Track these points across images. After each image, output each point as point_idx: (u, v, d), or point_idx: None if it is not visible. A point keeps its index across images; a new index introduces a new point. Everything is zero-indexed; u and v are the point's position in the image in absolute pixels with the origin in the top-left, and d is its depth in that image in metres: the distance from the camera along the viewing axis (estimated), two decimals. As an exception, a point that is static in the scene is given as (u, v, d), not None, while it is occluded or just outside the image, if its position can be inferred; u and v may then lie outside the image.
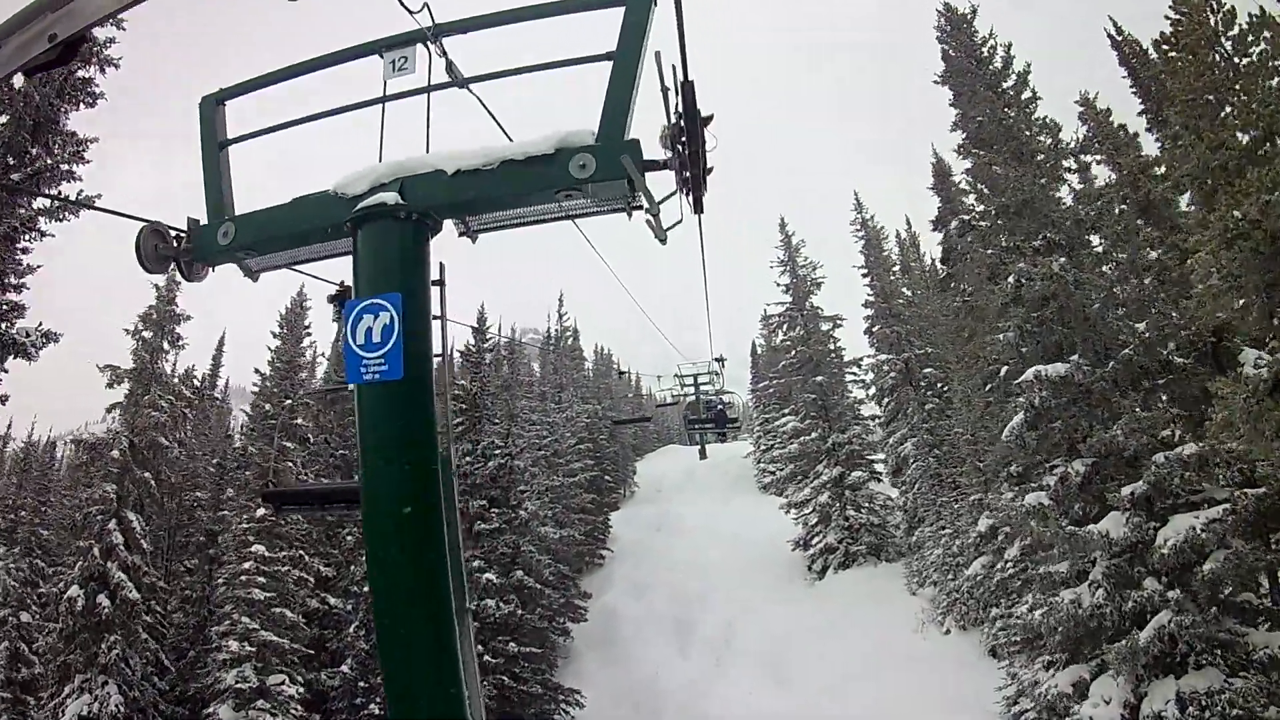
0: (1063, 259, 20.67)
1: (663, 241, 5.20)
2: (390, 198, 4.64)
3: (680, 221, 5.13)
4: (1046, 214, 22.07)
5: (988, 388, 27.19)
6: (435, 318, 4.94)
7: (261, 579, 29.58)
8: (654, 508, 69.80)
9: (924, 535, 39.12)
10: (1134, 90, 27.43)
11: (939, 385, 41.96)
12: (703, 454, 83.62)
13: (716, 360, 41.37)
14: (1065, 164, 23.47)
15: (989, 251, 23.95)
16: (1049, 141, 23.22)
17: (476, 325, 40.59)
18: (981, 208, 24.80)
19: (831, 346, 49.04)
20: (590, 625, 43.50)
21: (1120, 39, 28.48)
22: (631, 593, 48.53)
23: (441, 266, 5.09)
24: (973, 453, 33.13)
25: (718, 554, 51.57)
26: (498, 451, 36.38)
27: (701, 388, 45.64)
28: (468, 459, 36.05)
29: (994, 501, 29.18)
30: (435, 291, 4.96)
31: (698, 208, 5.12)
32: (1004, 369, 24.56)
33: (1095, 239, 22.46)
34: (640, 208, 4.77)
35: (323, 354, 39.19)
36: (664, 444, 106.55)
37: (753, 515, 58.51)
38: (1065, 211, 22.39)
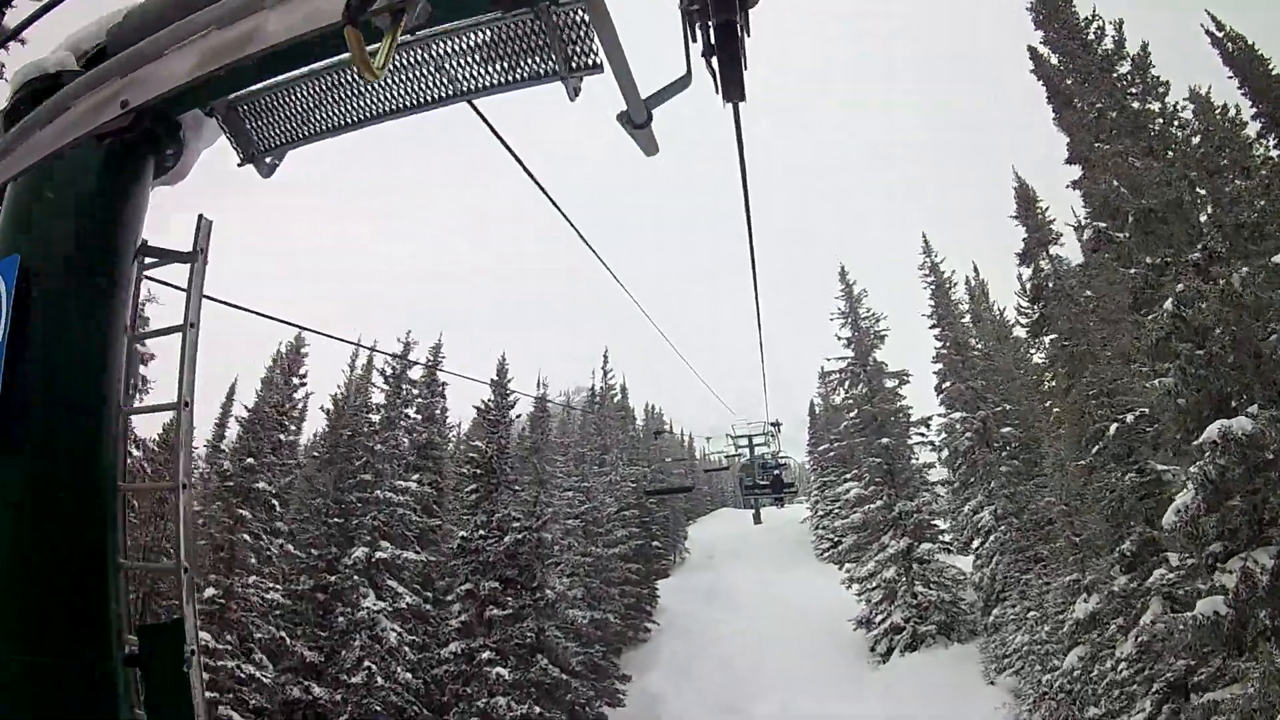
0: (1244, 270, 15.20)
1: (649, 151, 3.14)
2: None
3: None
4: (1195, 220, 16.99)
5: (1093, 449, 22.56)
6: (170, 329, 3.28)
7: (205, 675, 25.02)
8: (706, 576, 65.57)
9: (1004, 615, 34.12)
10: (1244, 91, 22.54)
11: (1017, 447, 37.33)
12: (757, 518, 79.49)
13: (773, 424, 41.12)
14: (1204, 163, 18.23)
15: (1131, 271, 18.38)
16: (1183, 134, 18.50)
17: (496, 378, 36.47)
18: (1101, 224, 19.82)
19: (897, 405, 44.23)
20: (630, 710, 39.45)
21: (1222, 35, 23.54)
22: (677, 674, 44.19)
23: (201, 227, 3.28)
24: (1068, 525, 28.23)
25: (772, 629, 47.10)
26: (516, 524, 32.22)
27: (757, 450, 44.96)
28: (480, 533, 32.35)
29: (1095, 583, 24.79)
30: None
31: (730, 93, 2.79)
32: (1113, 426, 20.07)
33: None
34: (595, 69, 2.85)
35: (322, 406, 35.34)
36: (717, 506, 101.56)
37: (810, 587, 53.95)
38: (1220, 215, 17.05)
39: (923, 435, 43.63)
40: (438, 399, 38.24)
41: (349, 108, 3.48)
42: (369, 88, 3.32)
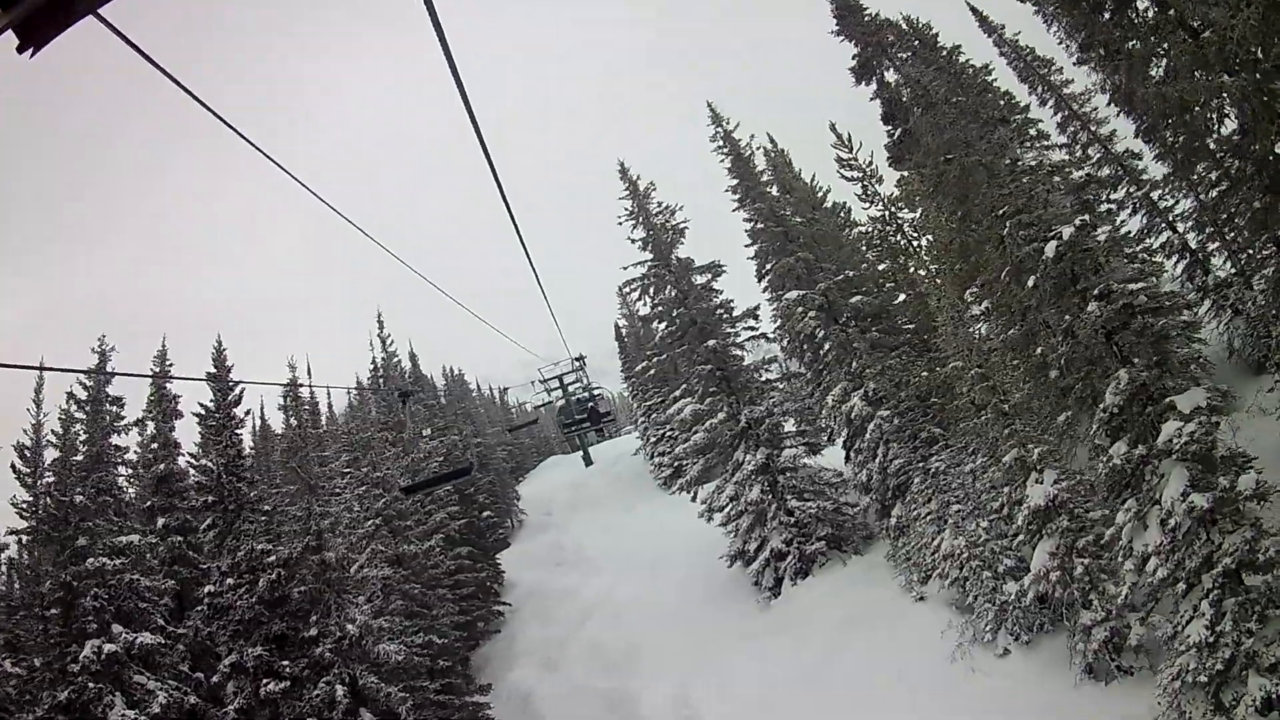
0: None
1: None
2: None
3: None
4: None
5: (1028, 281, 16.36)
6: None
7: None
8: (548, 536, 58.67)
9: (909, 515, 27.94)
10: None
11: (870, 317, 31.42)
12: (588, 459, 73.23)
13: (576, 359, 39.46)
14: None
15: None
16: None
17: (213, 372, 27.76)
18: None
19: (716, 301, 37.25)
20: (500, 720, 32.69)
21: None
22: (543, 661, 37.80)
23: None
24: (986, 392, 22.09)
25: (637, 587, 40.93)
26: (271, 558, 24.06)
27: (569, 388, 45.69)
28: (228, 581, 24.40)
29: (1046, 458, 19.88)
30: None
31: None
32: (1050, 245, 13.87)
33: None
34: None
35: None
36: (544, 457, 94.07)
37: (664, 523, 47.83)
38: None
39: (752, 329, 36.92)
40: (171, 419, 29.00)
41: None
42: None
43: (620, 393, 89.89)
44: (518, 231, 8.15)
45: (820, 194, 37.40)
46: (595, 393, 53.95)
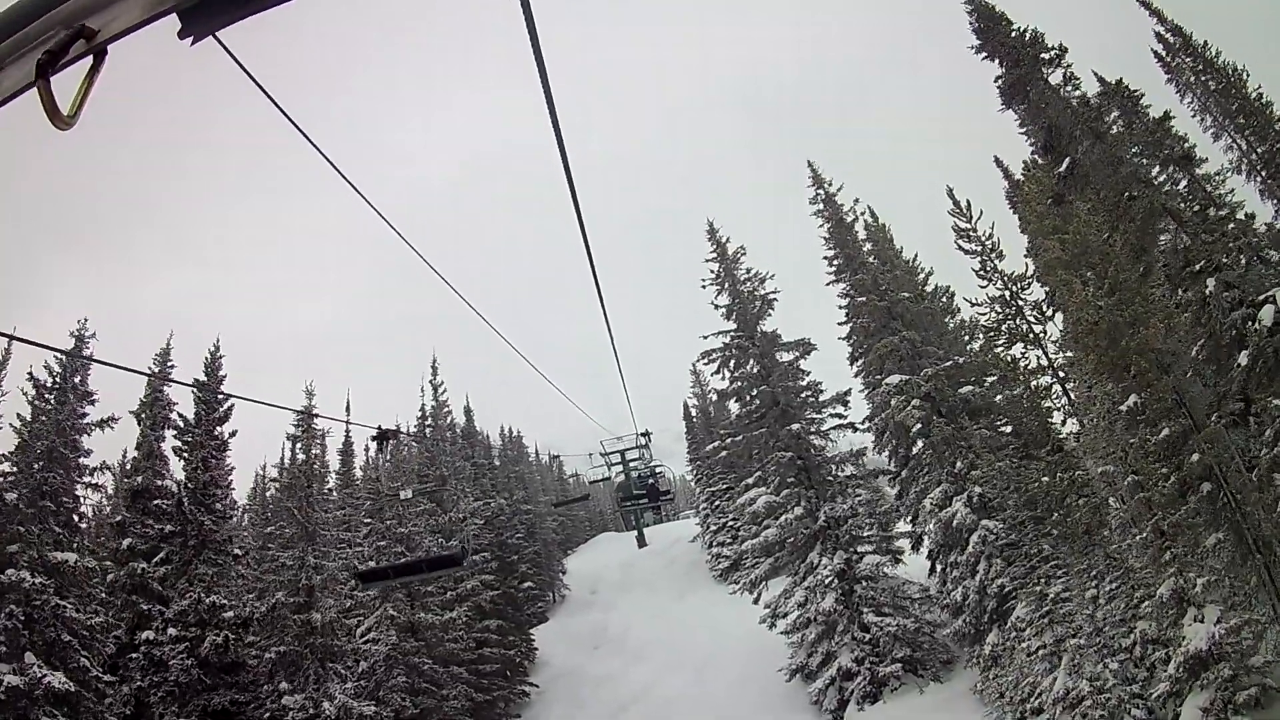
0: None
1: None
2: None
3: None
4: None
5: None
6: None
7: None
8: (590, 616, 54.08)
9: (1009, 642, 23.31)
10: None
11: (983, 408, 27.23)
12: (641, 541, 68.46)
13: (642, 434, 38.59)
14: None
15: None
16: None
17: (202, 380, 24.10)
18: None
19: (803, 382, 33.15)
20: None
21: None
22: (568, 764, 33.14)
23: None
24: (1142, 506, 17.65)
25: (682, 683, 36.92)
26: (226, 614, 20.07)
27: (630, 464, 43.84)
28: (152, 634, 20.25)
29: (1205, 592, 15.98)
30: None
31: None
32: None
33: None
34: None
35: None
36: (596, 532, 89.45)
37: (717, 619, 43.51)
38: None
39: (840, 416, 32.60)
40: (161, 428, 24.99)
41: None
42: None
43: (683, 475, 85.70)
44: (600, 298, 7.65)
45: (922, 275, 33.04)
46: (657, 470, 50.69)
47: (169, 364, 25.05)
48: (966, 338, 31.42)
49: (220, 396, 23.38)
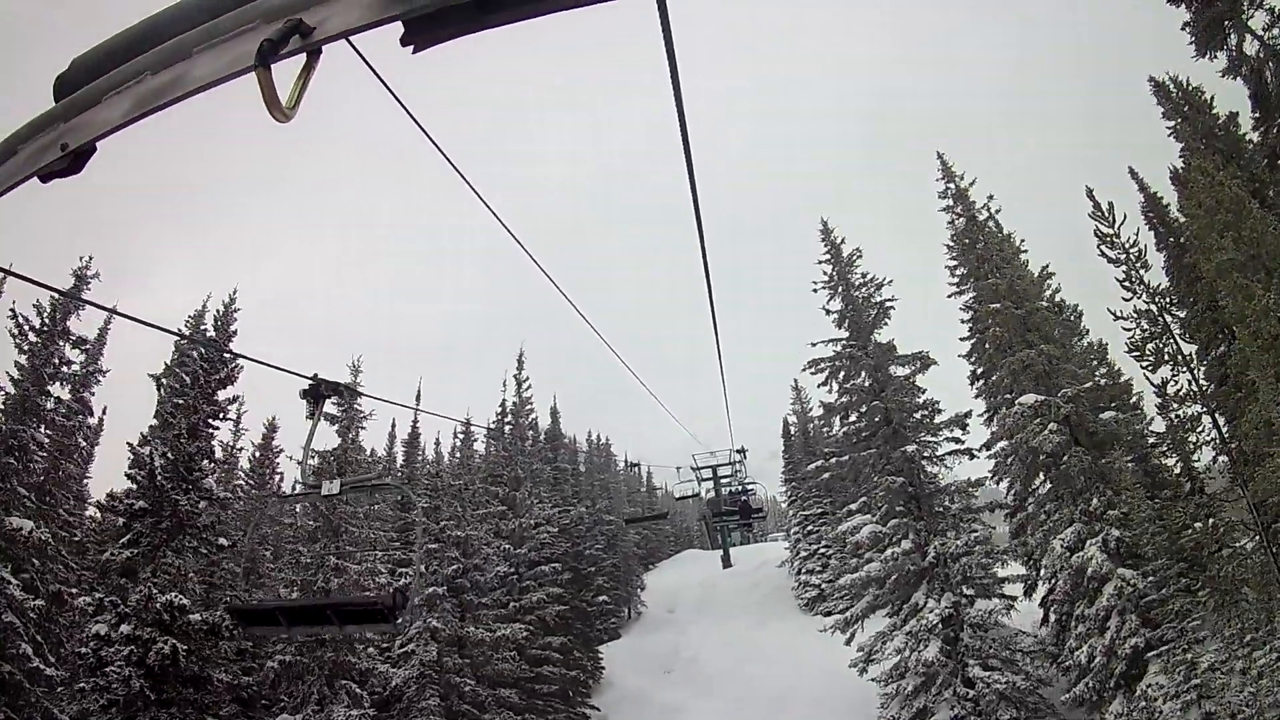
0: None
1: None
2: None
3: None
4: None
5: None
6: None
7: None
8: (665, 636, 50.16)
9: (1139, 710, 19.20)
10: None
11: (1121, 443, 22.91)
12: (726, 561, 64.65)
13: (738, 451, 38.95)
14: None
15: None
16: None
17: (210, 334, 20.85)
18: None
19: (920, 399, 28.83)
20: None
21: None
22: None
23: None
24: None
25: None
26: (191, 617, 16.94)
27: (721, 480, 44.39)
28: (103, 628, 17.09)
29: None
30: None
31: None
32: None
33: None
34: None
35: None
36: (681, 548, 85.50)
37: (799, 652, 39.66)
38: None
39: (957, 440, 28.27)
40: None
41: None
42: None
43: (774, 496, 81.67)
44: (711, 302, 7.62)
45: (1049, 290, 28.47)
46: (749, 487, 47.71)
47: (201, 327, 22.09)
48: (1095, 362, 27.16)
49: (225, 356, 20.16)
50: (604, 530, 51.29)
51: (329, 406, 24.72)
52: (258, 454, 33.04)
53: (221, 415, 20.67)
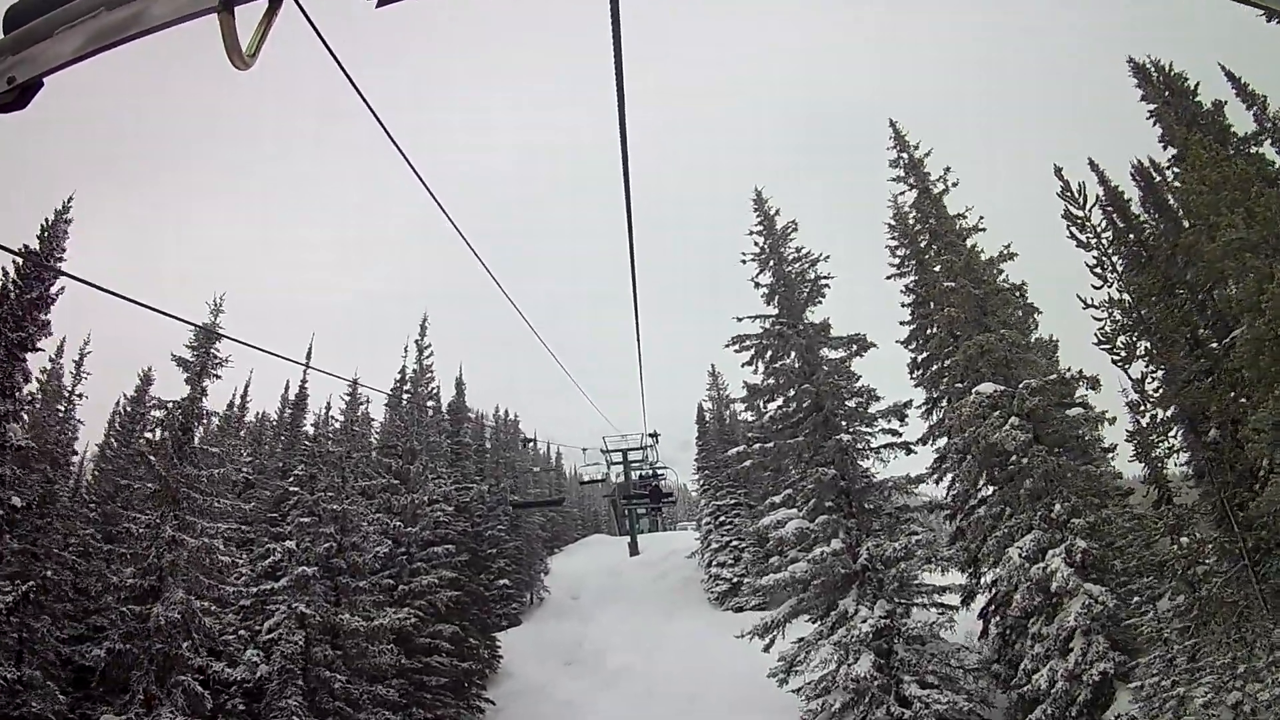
0: None
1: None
2: None
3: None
4: None
5: None
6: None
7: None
8: (568, 625, 47.07)
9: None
10: None
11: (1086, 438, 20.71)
12: (634, 549, 61.73)
13: (650, 435, 40.09)
14: None
15: None
16: None
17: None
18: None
19: (855, 385, 26.06)
20: None
21: None
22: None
23: None
24: None
25: None
26: None
27: (632, 464, 44.54)
28: None
29: None
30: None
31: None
32: None
33: None
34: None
35: None
36: (588, 532, 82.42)
37: (711, 650, 36.56)
38: None
39: (894, 433, 25.54)
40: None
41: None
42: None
43: (684, 484, 79.60)
44: (632, 266, 7.93)
45: (1002, 275, 25.91)
46: (660, 471, 46.09)
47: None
48: (1045, 360, 24.76)
49: (43, 275, 16.69)
50: (507, 511, 47.98)
51: (184, 351, 21.41)
52: (128, 408, 30.47)
53: (31, 345, 17.09)
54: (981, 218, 25.26)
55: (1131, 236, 20.95)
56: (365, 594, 25.03)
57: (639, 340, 10.29)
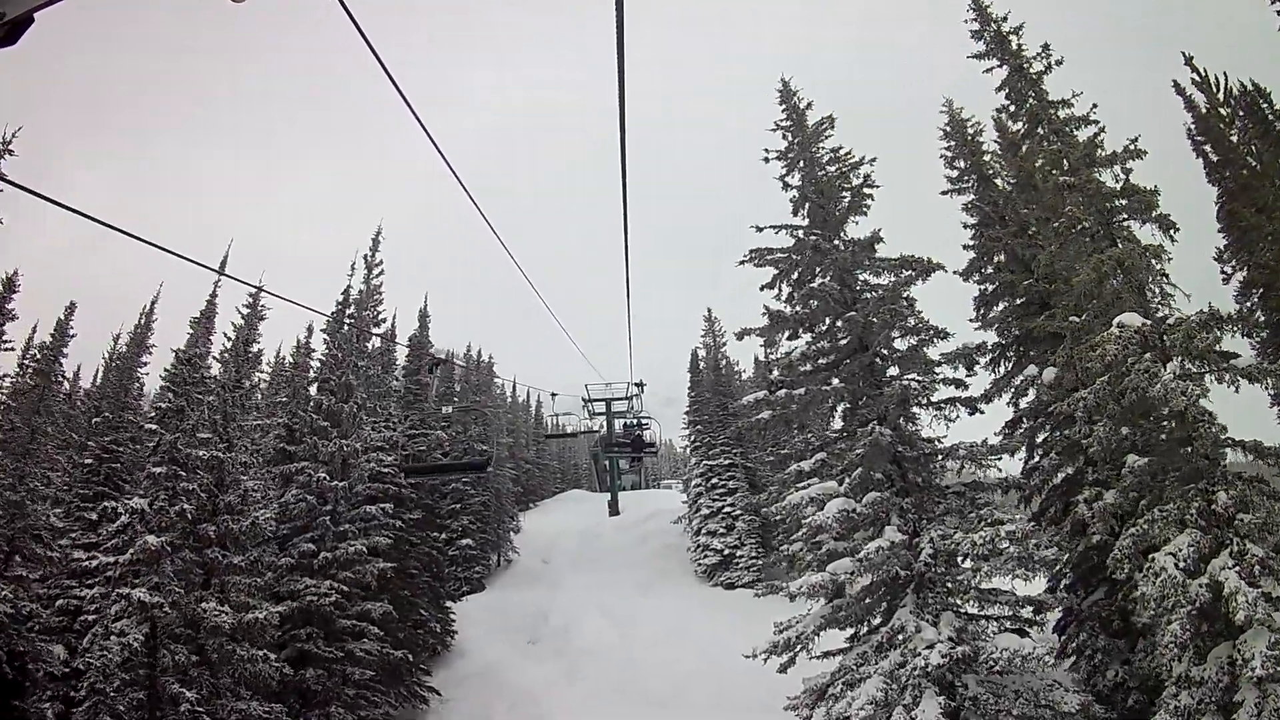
0: None
1: None
2: None
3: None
4: None
5: None
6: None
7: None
8: (535, 594, 40.90)
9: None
10: None
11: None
12: (614, 508, 55.22)
13: (636, 384, 38.63)
14: None
15: None
16: None
17: None
18: None
19: (912, 323, 18.39)
20: None
21: None
22: None
23: None
24: None
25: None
26: None
27: (615, 415, 44.65)
28: None
29: None
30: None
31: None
32: None
33: None
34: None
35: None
36: (568, 486, 75.84)
37: (696, 632, 31.49)
38: None
39: (960, 385, 18.52)
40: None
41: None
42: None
43: (670, 440, 74.12)
44: (624, 205, 7.91)
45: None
46: (645, 421, 45.41)
47: None
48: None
49: None
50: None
51: None
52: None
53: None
54: (1095, 105, 18.20)
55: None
56: (242, 573, 18.26)
57: (628, 277, 9.95)
